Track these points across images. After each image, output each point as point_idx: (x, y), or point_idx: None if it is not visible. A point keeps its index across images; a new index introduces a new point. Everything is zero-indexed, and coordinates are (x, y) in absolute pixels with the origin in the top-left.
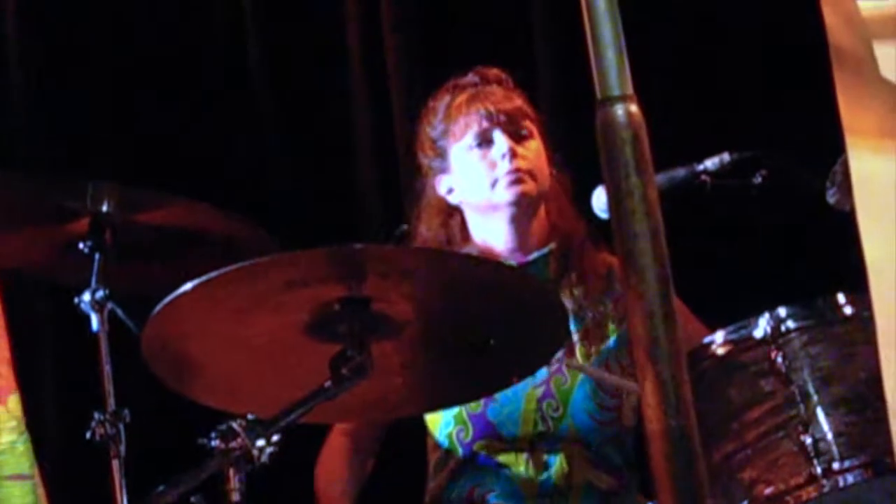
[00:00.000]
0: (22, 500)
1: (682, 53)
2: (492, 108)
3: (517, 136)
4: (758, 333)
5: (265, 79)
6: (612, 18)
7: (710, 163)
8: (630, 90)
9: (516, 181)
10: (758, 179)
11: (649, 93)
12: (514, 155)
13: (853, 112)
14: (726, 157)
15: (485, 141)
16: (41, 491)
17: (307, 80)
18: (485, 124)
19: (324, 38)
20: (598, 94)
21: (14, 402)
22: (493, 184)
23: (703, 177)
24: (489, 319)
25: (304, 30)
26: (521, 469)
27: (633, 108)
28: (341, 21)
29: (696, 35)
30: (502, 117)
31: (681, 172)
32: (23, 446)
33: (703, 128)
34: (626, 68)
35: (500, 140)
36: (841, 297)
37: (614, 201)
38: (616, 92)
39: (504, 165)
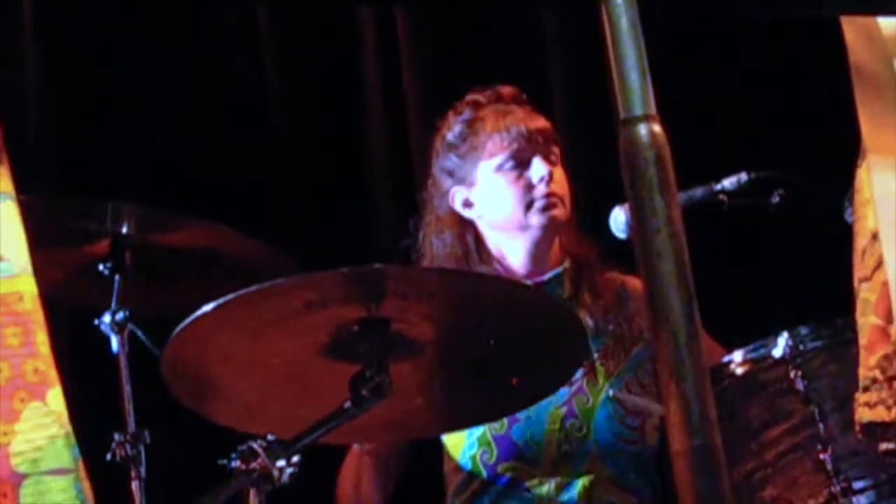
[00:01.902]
0: (64, 495)
1: (701, 73)
2: (527, 129)
3: (550, 161)
4: (777, 353)
5: (281, 99)
6: (634, 38)
7: (728, 182)
8: (653, 110)
9: (551, 206)
10: (775, 199)
11: (667, 112)
12: (551, 178)
13: (874, 129)
14: (744, 176)
15: (519, 162)
16: (86, 485)
17: (323, 99)
18: (521, 144)
19: (340, 56)
20: (621, 114)
21: (54, 396)
22: (528, 206)
23: (721, 196)
24: (508, 339)
25: (320, 49)
26: (544, 490)
27: (657, 127)
28: (357, 42)
29: (714, 54)
30: (538, 138)
31: (699, 192)
32: (63, 440)
33: (721, 147)
34: (649, 88)
35: (539, 163)
36: None
37: (638, 221)
38: (639, 112)
39: (541, 189)
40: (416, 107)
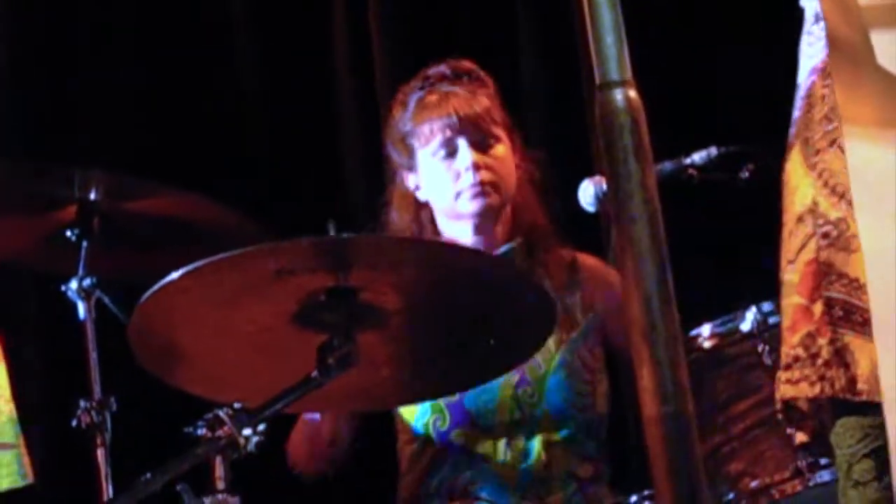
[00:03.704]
0: (6, 469)
1: (670, 47)
2: (457, 116)
3: (482, 145)
4: (745, 327)
5: (252, 67)
6: (611, 3)
7: (698, 157)
8: (629, 75)
9: (479, 194)
10: (745, 174)
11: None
12: (477, 167)
13: (849, 101)
14: (714, 151)
15: (450, 150)
16: (27, 461)
17: (294, 66)
18: (449, 133)
19: (312, 29)
20: (598, 79)
21: None
22: (457, 195)
23: (691, 170)
24: (476, 310)
25: (291, 18)
26: (500, 459)
27: (632, 93)
28: (327, 10)
29: (683, 27)
30: (467, 125)
31: (668, 166)
32: (7, 416)
33: (690, 121)
34: (626, 53)
35: (465, 151)
36: None
37: (612, 186)
38: (615, 77)
39: (467, 178)
40: (385, 75)
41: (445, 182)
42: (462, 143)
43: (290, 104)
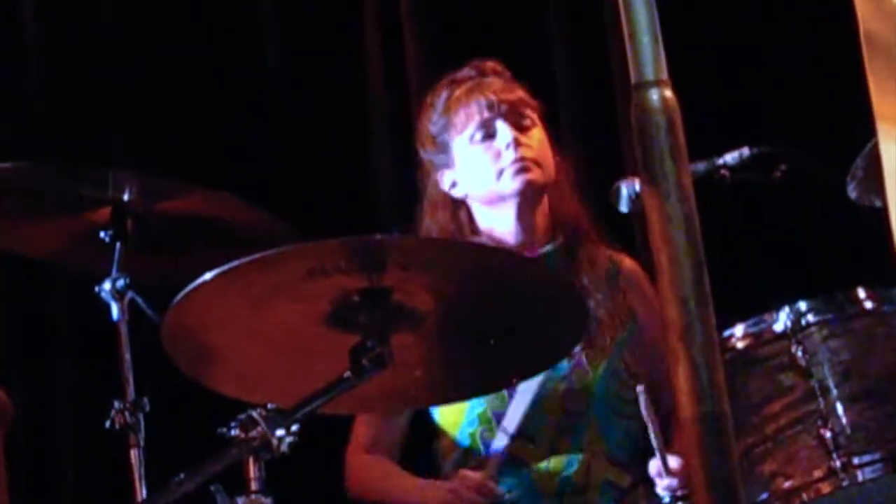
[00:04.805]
0: None
1: (702, 48)
2: (493, 98)
3: (520, 126)
4: (778, 327)
5: (283, 68)
6: (647, 2)
7: (730, 157)
8: (665, 75)
9: (522, 170)
10: (778, 174)
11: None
12: (518, 144)
13: (884, 99)
14: (746, 151)
15: (487, 132)
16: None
17: (325, 69)
18: (486, 114)
19: (342, 27)
20: (633, 79)
21: None
22: (499, 174)
23: (723, 171)
24: (509, 311)
25: (322, 20)
26: (541, 466)
27: (668, 92)
28: (359, 9)
29: (718, 27)
30: (504, 107)
31: (700, 166)
32: None
33: (723, 122)
34: (661, 53)
35: (504, 130)
36: (860, 292)
37: (648, 186)
38: (651, 76)
39: (509, 155)
40: (417, 73)
41: (485, 164)
42: (500, 124)
43: (318, 102)
